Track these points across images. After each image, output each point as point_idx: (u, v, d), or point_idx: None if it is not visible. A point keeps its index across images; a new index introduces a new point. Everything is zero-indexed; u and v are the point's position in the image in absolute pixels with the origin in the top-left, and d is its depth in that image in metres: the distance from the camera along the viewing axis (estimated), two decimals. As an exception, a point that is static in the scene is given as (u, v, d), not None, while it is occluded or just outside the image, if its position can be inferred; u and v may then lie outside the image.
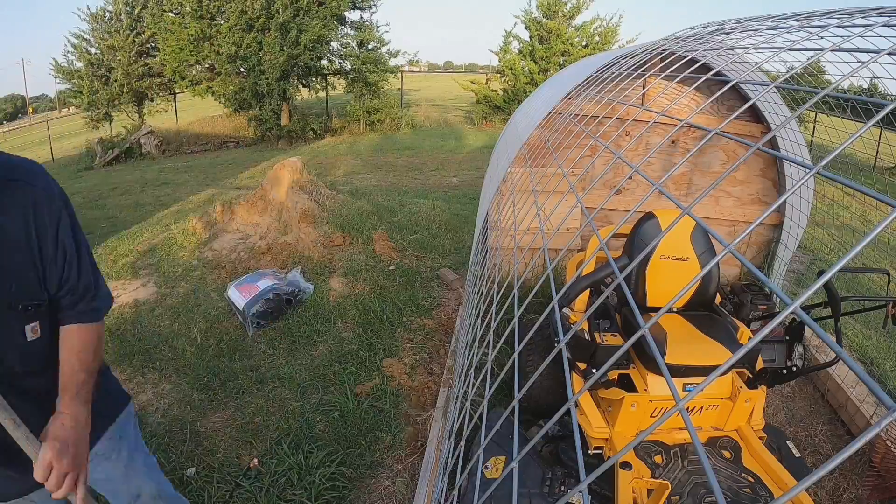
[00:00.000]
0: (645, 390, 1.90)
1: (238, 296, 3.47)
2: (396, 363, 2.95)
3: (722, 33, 1.73)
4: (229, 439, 2.44)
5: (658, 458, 1.78)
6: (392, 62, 14.73)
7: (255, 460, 2.30)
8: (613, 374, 2.02)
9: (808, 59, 0.91)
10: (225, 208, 5.05)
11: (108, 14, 14.92)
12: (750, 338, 2.10)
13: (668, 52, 2.09)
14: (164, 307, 3.72)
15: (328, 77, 14.62)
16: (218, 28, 12.88)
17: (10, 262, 1.06)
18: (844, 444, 2.44)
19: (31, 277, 1.09)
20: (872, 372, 2.92)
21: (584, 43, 14.11)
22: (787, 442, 2.01)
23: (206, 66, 13.89)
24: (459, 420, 1.37)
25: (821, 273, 0.47)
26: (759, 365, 2.00)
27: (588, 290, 2.09)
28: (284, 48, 12.38)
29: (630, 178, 3.64)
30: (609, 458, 1.85)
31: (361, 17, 14.22)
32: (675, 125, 3.34)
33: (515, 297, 0.99)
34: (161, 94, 15.81)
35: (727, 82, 0.93)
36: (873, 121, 0.62)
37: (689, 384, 1.84)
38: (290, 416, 2.58)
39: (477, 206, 4.18)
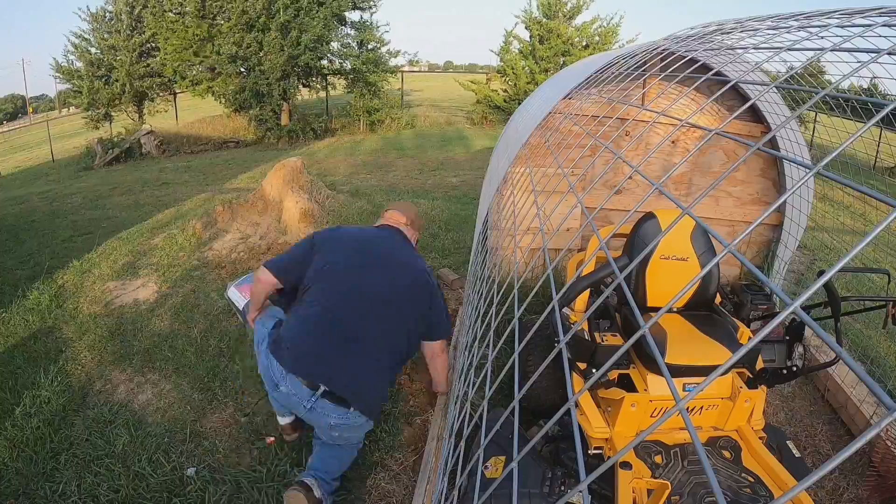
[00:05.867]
0: (645, 390, 1.90)
1: (238, 296, 3.46)
2: (396, 363, 2.95)
3: (722, 33, 1.73)
4: (229, 439, 2.44)
5: (658, 458, 1.78)
6: (392, 62, 14.74)
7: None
8: (613, 374, 2.02)
9: (808, 59, 0.91)
10: (225, 208, 5.05)
11: (108, 14, 14.92)
12: (750, 338, 2.10)
13: (667, 52, 2.09)
14: (164, 307, 3.72)
15: (328, 77, 14.62)
16: (218, 28, 12.88)
17: None
18: (844, 444, 2.44)
19: None
20: (872, 372, 2.92)
21: (584, 43, 14.12)
22: (787, 442, 2.01)
23: (207, 66, 13.89)
24: (460, 420, 1.37)
25: (821, 273, 0.47)
26: (759, 365, 2.00)
27: (588, 289, 2.09)
28: (285, 48, 12.38)
29: (630, 177, 3.64)
30: (609, 458, 1.85)
31: (361, 18, 14.23)
32: (675, 125, 3.35)
33: (516, 297, 0.99)
34: (161, 94, 15.81)
35: (727, 82, 0.93)
36: (873, 121, 0.62)
37: (688, 384, 1.84)
38: (290, 416, 2.58)
39: (477, 206, 4.18)
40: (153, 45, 14.82)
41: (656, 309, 2.24)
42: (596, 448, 1.91)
